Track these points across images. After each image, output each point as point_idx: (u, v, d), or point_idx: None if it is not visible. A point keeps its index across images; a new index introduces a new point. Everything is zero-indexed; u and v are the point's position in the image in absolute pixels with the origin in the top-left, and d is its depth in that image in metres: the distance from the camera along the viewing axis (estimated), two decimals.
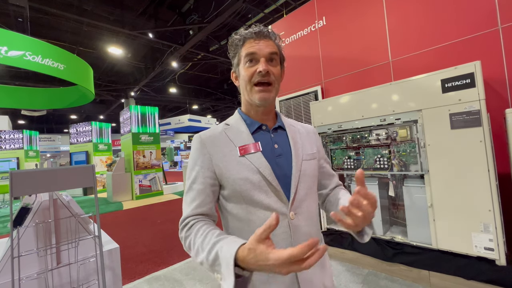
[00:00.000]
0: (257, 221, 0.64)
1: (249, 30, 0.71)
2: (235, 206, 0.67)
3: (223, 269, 0.50)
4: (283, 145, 0.73)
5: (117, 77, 11.31)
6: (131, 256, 3.23)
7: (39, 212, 1.44)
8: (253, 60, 0.69)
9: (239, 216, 0.66)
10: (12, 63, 3.72)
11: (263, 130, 0.74)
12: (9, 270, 1.21)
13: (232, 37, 0.74)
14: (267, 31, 0.71)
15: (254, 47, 0.69)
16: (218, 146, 0.70)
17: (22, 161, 9.77)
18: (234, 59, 0.75)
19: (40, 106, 6.53)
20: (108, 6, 6.59)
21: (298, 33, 3.56)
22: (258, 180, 0.65)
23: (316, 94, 3.28)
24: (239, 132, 0.72)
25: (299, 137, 0.77)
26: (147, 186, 7.99)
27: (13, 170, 1.24)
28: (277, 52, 0.71)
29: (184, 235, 0.64)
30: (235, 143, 0.70)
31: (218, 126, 0.76)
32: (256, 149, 0.68)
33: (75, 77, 4.63)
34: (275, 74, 0.70)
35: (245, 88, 0.72)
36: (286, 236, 0.64)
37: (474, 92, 1.71)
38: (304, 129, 0.82)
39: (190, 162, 0.73)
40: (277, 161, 0.69)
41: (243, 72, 0.70)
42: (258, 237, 0.46)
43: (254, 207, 0.65)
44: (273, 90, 0.70)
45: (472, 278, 1.80)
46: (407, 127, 2.13)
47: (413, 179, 2.16)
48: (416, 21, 2.45)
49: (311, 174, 0.74)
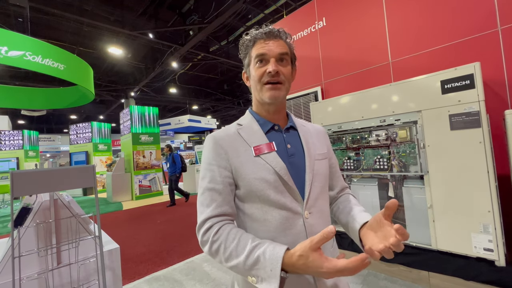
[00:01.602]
0: (272, 221, 0.65)
1: (259, 31, 0.71)
2: (250, 206, 0.67)
3: (264, 273, 0.53)
4: (295, 145, 0.74)
5: (117, 77, 11.30)
6: (131, 256, 3.23)
7: (39, 212, 1.44)
8: (263, 61, 0.69)
9: (255, 216, 0.67)
10: (12, 63, 3.72)
11: (276, 130, 0.75)
12: (10, 270, 1.21)
13: (243, 38, 0.74)
14: (277, 31, 0.71)
15: (264, 48, 0.69)
16: (233, 146, 0.70)
17: (22, 161, 9.76)
18: (245, 60, 0.76)
19: (40, 106, 6.52)
20: (108, 7, 6.59)
21: (298, 33, 3.57)
22: (274, 180, 0.65)
23: (316, 95, 3.28)
24: (252, 132, 0.72)
25: (310, 137, 0.77)
26: (147, 186, 7.99)
27: (14, 170, 1.24)
28: (287, 52, 0.71)
29: (211, 239, 0.62)
30: (249, 143, 0.70)
31: (231, 126, 0.76)
32: (270, 149, 0.69)
33: (75, 77, 4.63)
34: (285, 73, 0.70)
35: (255, 88, 0.72)
36: (302, 235, 0.65)
37: (474, 93, 1.72)
38: (314, 129, 0.83)
39: (204, 162, 0.71)
40: (290, 160, 0.70)
41: (254, 72, 0.71)
42: (313, 245, 0.50)
43: (270, 207, 0.65)
44: (283, 89, 0.70)
45: (472, 279, 1.81)
46: (407, 128, 2.13)
47: (412, 180, 2.16)
48: (416, 22, 2.46)
49: (324, 173, 0.75)
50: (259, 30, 0.71)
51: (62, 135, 21.88)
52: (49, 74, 4.15)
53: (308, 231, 0.65)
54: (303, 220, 0.65)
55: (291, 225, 0.65)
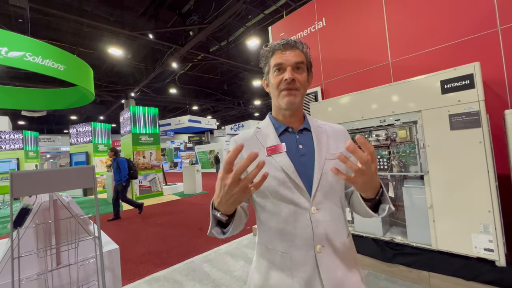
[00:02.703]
0: (282, 213, 0.73)
1: (277, 42, 0.78)
2: (263, 200, 0.76)
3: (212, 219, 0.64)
4: (307, 146, 0.79)
5: (117, 78, 11.30)
6: (131, 257, 3.23)
7: (39, 213, 1.44)
8: (281, 69, 0.76)
9: (268, 209, 0.75)
10: (13, 63, 3.72)
11: (289, 132, 0.82)
12: (9, 271, 1.21)
13: (263, 49, 0.82)
14: (293, 41, 0.78)
15: (281, 58, 0.76)
16: (250, 147, 0.79)
17: (22, 161, 9.76)
18: (265, 68, 0.83)
19: (40, 106, 6.53)
20: (108, 7, 6.59)
21: (298, 34, 3.57)
22: (283, 177, 0.73)
23: (316, 95, 3.29)
24: (267, 135, 0.81)
25: (325, 137, 0.81)
26: (147, 186, 7.99)
27: (14, 171, 1.24)
28: (303, 60, 0.77)
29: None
30: (264, 144, 0.79)
31: (251, 129, 0.86)
32: (281, 149, 0.76)
33: (75, 77, 4.63)
34: (301, 80, 0.76)
35: (274, 94, 0.80)
36: (308, 229, 0.71)
37: (474, 93, 1.71)
38: (331, 129, 0.86)
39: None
40: (301, 160, 0.76)
41: (272, 80, 0.78)
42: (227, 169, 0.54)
43: (280, 201, 0.73)
44: (299, 95, 0.77)
45: (472, 279, 1.80)
46: (407, 128, 2.13)
47: (412, 180, 2.16)
48: (416, 22, 2.46)
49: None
50: (277, 42, 0.79)
51: (62, 135, 21.90)
52: (49, 75, 4.15)
53: (314, 225, 0.71)
54: (309, 215, 0.71)
55: (298, 218, 0.72)
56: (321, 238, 0.71)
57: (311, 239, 0.70)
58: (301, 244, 0.70)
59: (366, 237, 2.37)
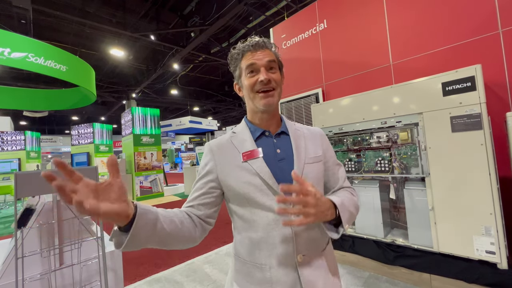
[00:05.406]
0: (259, 221, 0.69)
1: (246, 43, 0.75)
2: (240, 208, 0.73)
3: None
4: (286, 150, 0.76)
5: (119, 79, 11.34)
6: (132, 258, 3.23)
7: (42, 213, 1.45)
8: (253, 71, 0.74)
9: (245, 217, 0.72)
10: (15, 64, 3.75)
11: (266, 136, 0.78)
12: (13, 271, 1.21)
13: (231, 51, 0.78)
14: (262, 41, 0.75)
15: (253, 58, 0.73)
16: (224, 153, 0.76)
17: (23, 162, 9.78)
18: (236, 72, 0.80)
19: (42, 107, 6.56)
20: (111, 9, 6.63)
21: (299, 36, 3.58)
22: (259, 183, 0.69)
23: (317, 97, 3.29)
24: (243, 140, 0.77)
25: (303, 141, 0.79)
26: (148, 187, 7.99)
27: (17, 172, 1.25)
28: (275, 59, 0.75)
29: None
30: (239, 149, 0.75)
31: (226, 134, 0.83)
32: (257, 155, 0.73)
33: (77, 78, 4.66)
34: (276, 80, 0.74)
35: (248, 97, 0.76)
36: (289, 237, 0.68)
37: (475, 95, 1.72)
38: (309, 132, 0.84)
39: (201, 164, 0.81)
40: (280, 165, 0.73)
41: (246, 82, 0.75)
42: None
43: (257, 209, 0.69)
44: (276, 95, 0.74)
45: (474, 282, 1.80)
46: (408, 130, 2.13)
47: (414, 182, 2.16)
48: (417, 24, 2.47)
49: (315, 177, 0.75)
50: (245, 43, 0.76)
51: (63, 136, 21.94)
52: (51, 76, 4.18)
53: (295, 233, 0.68)
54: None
55: (278, 226, 0.68)
56: (302, 247, 0.68)
57: (292, 248, 0.67)
58: (281, 253, 0.67)
59: (367, 239, 2.37)
